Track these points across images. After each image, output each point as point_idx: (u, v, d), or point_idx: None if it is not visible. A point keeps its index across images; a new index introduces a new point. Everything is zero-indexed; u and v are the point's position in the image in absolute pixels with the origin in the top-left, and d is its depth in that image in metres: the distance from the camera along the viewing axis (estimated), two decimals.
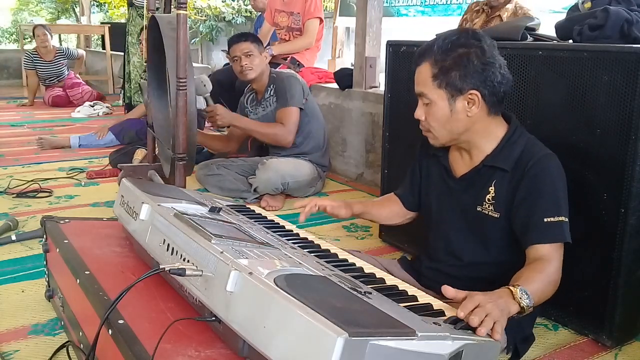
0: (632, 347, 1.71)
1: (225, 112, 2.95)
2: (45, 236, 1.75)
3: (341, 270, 1.34)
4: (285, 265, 1.17)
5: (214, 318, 1.08)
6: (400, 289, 1.33)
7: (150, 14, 2.81)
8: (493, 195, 1.49)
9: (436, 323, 1.08)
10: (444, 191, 1.62)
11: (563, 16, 1.95)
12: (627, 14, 1.66)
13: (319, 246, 1.58)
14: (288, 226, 1.73)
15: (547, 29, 2.09)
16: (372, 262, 1.71)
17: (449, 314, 1.19)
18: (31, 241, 2.35)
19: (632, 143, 1.53)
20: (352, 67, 3.69)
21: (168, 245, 1.28)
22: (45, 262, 1.77)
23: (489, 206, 1.49)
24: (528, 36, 1.95)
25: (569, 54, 1.67)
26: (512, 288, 1.24)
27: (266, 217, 1.81)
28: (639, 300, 1.68)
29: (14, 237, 2.33)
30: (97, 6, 14.39)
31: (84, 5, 10.48)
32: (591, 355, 1.67)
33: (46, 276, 1.78)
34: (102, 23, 9.83)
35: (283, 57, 4.21)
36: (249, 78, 3.08)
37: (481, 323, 1.10)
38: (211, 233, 1.23)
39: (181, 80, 2.26)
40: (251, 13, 9.70)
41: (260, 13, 5.02)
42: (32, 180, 3.22)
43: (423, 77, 1.44)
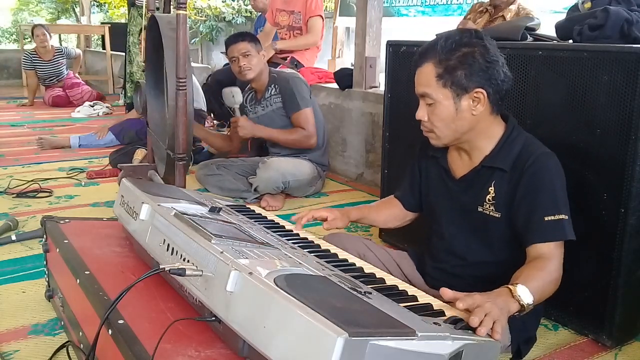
0: (632, 347, 1.71)
1: (247, 124, 3.02)
2: (45, 236, 1.75)
3: (341, 270, 1.34)
4: (285, 265, 1.17)
5: (214, 318, 1.08)
6: (400, 289, 1.33)
7: (149, 14, 2.81)
8: (493, 195, 1.49)
9: (436, 323, 1.08)
10: (444, 192, 1.62)
11: (564, 16, 1.95)
12: (627, 14, 1.66)
13: (319, 246, 1.58)
14: (288, 226, 1.73)
15: (548, 29, 2.09)
16: (382, 253, 1.71)
17: (449, 314, 1.19)
18: (31, 241, 2.35)
19: (632, 143, 1.53)
20: (352, 67, 3.69)
21: (168, 245, 1.28)
22: (45, 262, 1.77)
23: (490, 206, 1.49)
24: (528, 36, 1.95)
25: (569, 54, 1.67)
26: (511, 286, 1.24)
27: (266, 217, 1.81)
28: (639, 300, 1.68)
29: (14, 237, 2.33)
30: (97, 6, 14.40)
31: (84, 5, 10.48)
32: (591, 355, 1.67)
33: (46, 276, 1.78)
34: (102, 23, 9.83)
35: (283, 57, 4.20)
36: (248, 78, 3.08)
37: (481, 323, 1.10)
38: (211, 233, 1.23)
39: (181, 80, 2.26)
40: (251, 13, 9.72)
41: (260, 13, 5.01)
42: (32, 180, 3.22)
43: (426, 77, 1.44)
